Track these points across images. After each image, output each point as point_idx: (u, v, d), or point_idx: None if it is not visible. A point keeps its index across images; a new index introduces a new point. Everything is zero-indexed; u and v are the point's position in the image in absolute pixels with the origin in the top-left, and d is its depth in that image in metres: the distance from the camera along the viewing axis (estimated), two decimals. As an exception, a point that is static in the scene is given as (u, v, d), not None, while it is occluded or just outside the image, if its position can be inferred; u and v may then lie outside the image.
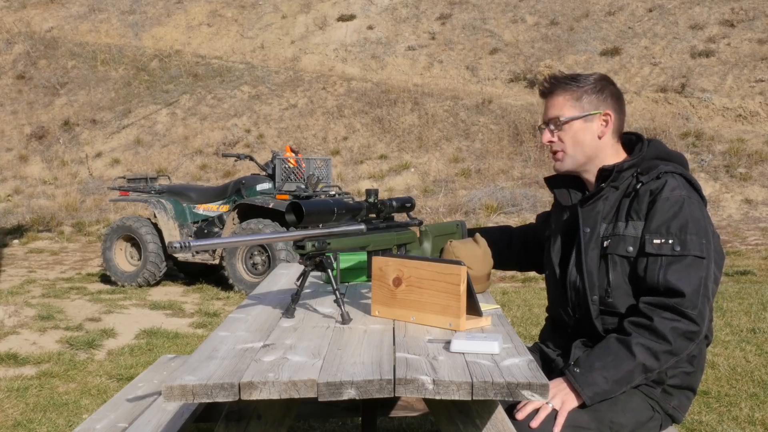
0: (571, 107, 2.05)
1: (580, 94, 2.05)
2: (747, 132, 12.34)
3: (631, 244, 1.95)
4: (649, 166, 2.01)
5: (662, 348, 1.84)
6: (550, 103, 2.09)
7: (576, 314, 2.08)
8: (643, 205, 1.96)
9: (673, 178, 1.96)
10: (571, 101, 2.05)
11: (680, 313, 1.85)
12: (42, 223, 11.96)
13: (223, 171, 13.45)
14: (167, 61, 16.86)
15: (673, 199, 1.92)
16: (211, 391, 1.42)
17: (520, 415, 1.82)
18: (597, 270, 2.01)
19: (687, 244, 1.88)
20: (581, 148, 2.06)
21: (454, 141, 13.21)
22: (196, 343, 4.94)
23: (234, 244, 1.83)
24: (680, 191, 1.94)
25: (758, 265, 7.51)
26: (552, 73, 2.14)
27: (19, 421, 3.58)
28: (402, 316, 1.90)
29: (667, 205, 1.91)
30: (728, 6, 14.88)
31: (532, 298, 6.19)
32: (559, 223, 2.19)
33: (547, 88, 2.10)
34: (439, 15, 16.93)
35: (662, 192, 1.93)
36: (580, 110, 2.04)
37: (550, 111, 2.09)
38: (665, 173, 1.97)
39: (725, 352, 4.43)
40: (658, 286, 1.89)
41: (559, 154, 2.09)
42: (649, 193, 1.95)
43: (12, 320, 5.51)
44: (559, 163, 2.11)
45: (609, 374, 1.84)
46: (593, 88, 2.06)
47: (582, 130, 2.05)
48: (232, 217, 7.09)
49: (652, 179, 1.97)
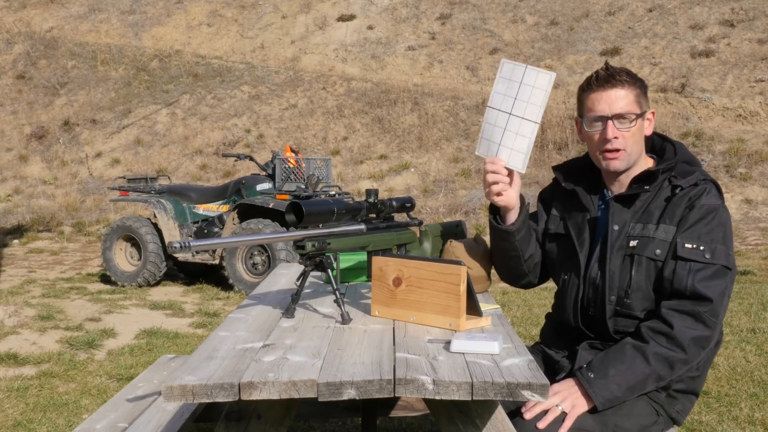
0: (638, 105, 1.99)
1: (642, 91, 2.01)
2: (747, 132, 12.34)
3: (660, 247, 1.93)
4: (684, 170, 1.99)
5: (678, 357, 1.84)
6: (616, 96, 1.97)
7: (590, 312, 2.05)
8: (678, 210, 1.93)
9: (711, 188, 1.96)
10: (639, 98, 1.99)
11: (702, 321, 1.84)
12: (42, 223, 11.96)
13: (223, 171, 13.45)
14: (167, 61, 16.86)
15: (709, 207, 1.91)
16: (211, 391, 1.42)
17: (529, 415, 1.81)
18: (620, 269, 1.98)
19: (717, 253, 1.88)
20: (638, 147, 2.01)
21: (454, 141, 13.21)
22: (196, 343, 4.94)
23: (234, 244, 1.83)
24: (716, 200, 1.93)
25: (758, 265, 7.51)
26: (607, 66, 2.02)
27: (19, 421, 3.58)
28: (402, 316, 1.90)
29: (702, 212, 1.90)
30: (728, 6, 14.88)
31: (532, 298, 6.19)
32: (577, 220, 2.11)
33: (615, 80, 1.98)
34: (439, 15, 16.93)
35: (700, 199, 1.92)
36: (641, 108, 2.00)
37: (616, 105, 1.96)
38: (703, 180, 1.96)
39: (725, 352, 4.43)
40: (685, 291, 1.87)
41: (621, 153, 1.98)
42: (687, 199, 1.93)
43: (12, 320, 5.51)
44: (617, 162, 2.00)
45: (623, 382, 1.83)
46: (643, 84, 2.02)
47: (641, 129, 2.01)
48: (232, 217, 7.09)
49: (690, 185, 1.95)
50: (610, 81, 1.98)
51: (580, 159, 2.20)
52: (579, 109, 2.08)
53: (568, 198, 2.15)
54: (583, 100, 2.04)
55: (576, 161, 2.21)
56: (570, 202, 2.14)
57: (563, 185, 2.15)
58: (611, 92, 1.97)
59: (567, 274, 2.12)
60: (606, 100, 1.97)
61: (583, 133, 2.06)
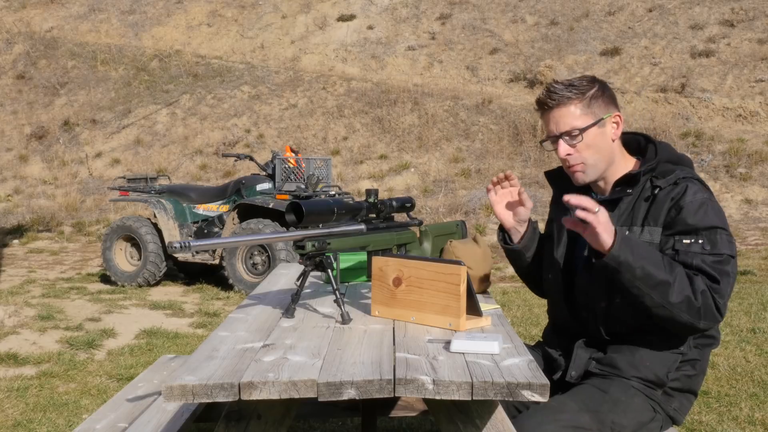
0: (583, 116, 1.98)
1: (588, 101, 1.98)
2: (747, 132, 12.34)
3: None
4: (665, 170, 1.98)
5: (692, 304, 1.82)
6: (558, 116, 1.99)
7: (581, 316, 2.07)
8: (662, 211, 1.93)
9: (693, 183, 1.95)
10: (581, 109, 1.98)
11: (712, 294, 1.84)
12: (42, 223, 11.96)
13: (223, 171, 13.44)
14: (167, 61, 16.86)
15: (696, 201, 1.91)
16: (211, 391, 1.42)
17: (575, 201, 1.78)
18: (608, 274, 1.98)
19: (717, 243, 1.88)
20: (601, 156, 2.00)
21: (454, 141, 13.21)
22: (196, 343, 4.94)
23: (234, 244, 1.83)
24: (702, 194, 1.93)
25: (758, 265, 7.51)
26: (548, 86, 2.03)
27: (19, 421, 3.58)
28: (402, 316, 1.90)
29: (692, 209, 1.90)
30: (728, 6, 14.88)
31: (532, 298, 6.19)
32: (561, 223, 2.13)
33: (552, 101, 1.99)
34: (439, 15, 16.92)
35: (684, 197, 1.91)
36: (592, 117, 1.98)
37: (560, 124, 1.99)
38: (683, 179, 1.95)
39: (725, 352, 4.43)
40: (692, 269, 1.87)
41: (580, 167, 2.00)
42: (670, 199, 1.93)
43: (12, 320, 5.51)
44: (581, 175, 2.02)
45: (644, 262, 1.81)
46: (597, 91, 2.00)
47: (599, 137, 1.99)
48: (232, 217, 7.09)
49: (670, 185, 1.95)
50: (547, 102, 2.00)
51: None
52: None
53: (559, 201, 2.17)
54: (542, 122, 2.10)
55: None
56: (560, 205, 2.16)
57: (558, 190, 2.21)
58: (554, 112, 2.00)
59: (551, 275, 2.17)
60: (552, 120, 2.01)
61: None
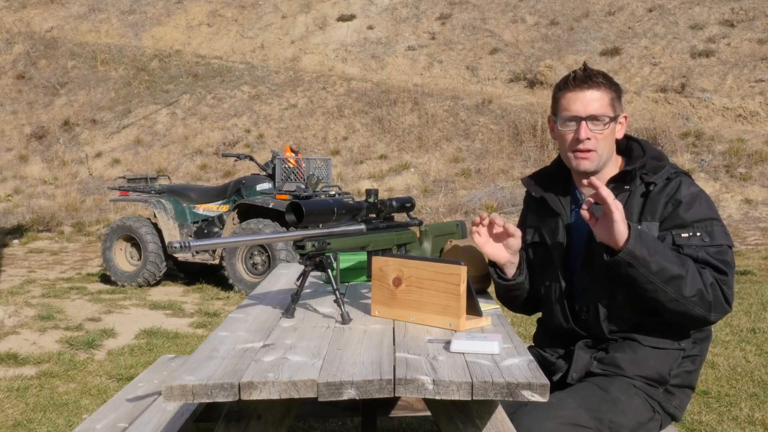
0: (612, 108, 2.02)
1: (617, 95, 2.03)
2: (747, 132, 12.34)
3: None
4: (654, 166, 2.02)
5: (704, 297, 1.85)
6: (591, 98, 1.99)
7: (582, 316, 2.07)
8: (659, 206, 1.97)
9: (685, 178, 2.00)
10: (614, 101, 2.02)
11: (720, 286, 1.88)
12: (42, 223, 11.96)
13: (223, 171, 13.44)
14: (167, 61, 16.86)
15: (690, 195, 1.95)
16: (211, 391, 1.42)
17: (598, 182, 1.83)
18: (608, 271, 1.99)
19: (714, 234, 1.92)
20: (608, 150, 2.04)
21: (454, 141, 13.21)
22: (196, 343, 4.94)
23: (234, 244, 1.83)
24: (694, 188, 1.98)
25: (758, 265, 7.50)
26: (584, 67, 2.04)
27: (19, 421, 3.58)
28: (402, 316, 1.90)
29: (687, 203, 1.94)
30: (728, 6, 14.88)
31: (532, 298, 6.19)
32: (550, 226, 2.14)
33: (592, 81, 2.00)
34: (439, 15, 16.92)
35: (680, 192, 1.96)
36: (614, 111, 2.02)
37: (591, 106, 1.99)
38: (675, 174, 2.00)
39: (725, 352, 4.43)
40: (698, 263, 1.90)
41: (591, 154, 2.01)
42: (666, 195, 1.97)
43: (12, 320, 5.51)
44: (587, 162, 2.02)
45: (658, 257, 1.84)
46: (618, 89, 2.05)
47: (613, 132, 2.04)
48: (232, 217, 7.09)
49: (662, 181, 1.99)
50: (587, 82, 2.00)
51: (548, 167, 2.23)
52: (553, 107, 2.09)
53: (540, 206, 2.18)
54: (559, 98, 2.05)
55: (544, 170, 2.24)
56: (542, 210, 2.17)
57: (533, 195, 2.19)
58: (587, 93, 1.99)
59: (548, 281, 2.15)
60: (581, 101, 1.99)
61: (555, 131, 2.08)
